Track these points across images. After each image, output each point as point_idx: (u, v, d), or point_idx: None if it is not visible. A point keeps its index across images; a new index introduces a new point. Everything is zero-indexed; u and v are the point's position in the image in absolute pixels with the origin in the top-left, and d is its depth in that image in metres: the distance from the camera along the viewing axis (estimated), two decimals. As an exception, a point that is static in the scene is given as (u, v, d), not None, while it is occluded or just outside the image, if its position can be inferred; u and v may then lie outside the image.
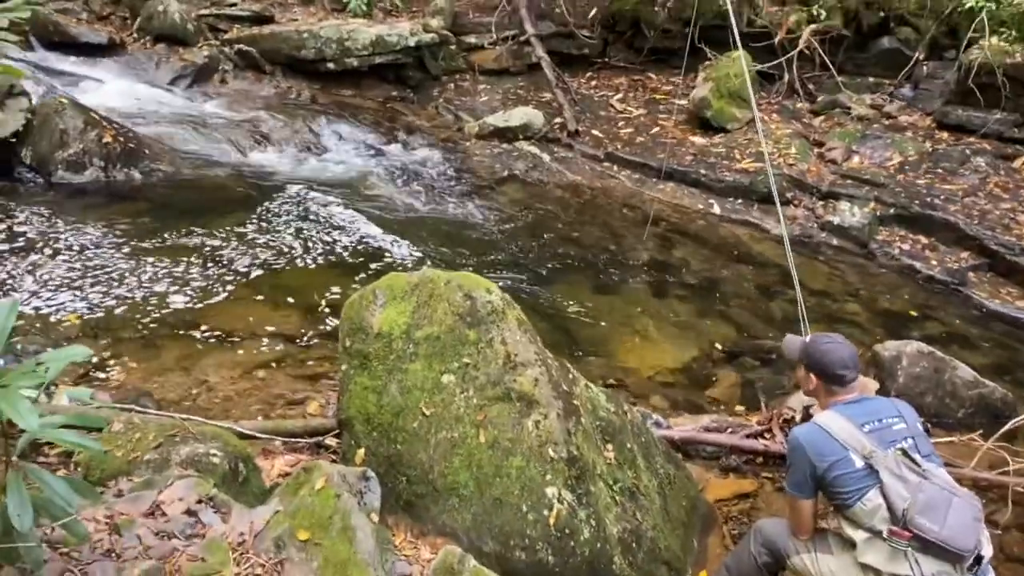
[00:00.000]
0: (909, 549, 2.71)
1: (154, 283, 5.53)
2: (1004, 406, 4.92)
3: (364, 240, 6.67)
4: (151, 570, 2.34)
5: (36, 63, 9.00)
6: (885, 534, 2.75)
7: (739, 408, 5.08)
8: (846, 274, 7.43)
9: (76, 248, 5.80)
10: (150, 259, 5.82)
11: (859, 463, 2.80)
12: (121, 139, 7.28)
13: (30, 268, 5.43)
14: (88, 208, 6.54)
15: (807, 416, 4.52)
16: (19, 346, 4.37)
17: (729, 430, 4.57)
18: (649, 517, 3.40)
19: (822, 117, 9.88)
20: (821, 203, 8.30)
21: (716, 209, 8.37)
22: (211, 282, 5.67)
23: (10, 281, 5.25)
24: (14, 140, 6.80)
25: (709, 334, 6.04)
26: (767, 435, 4.54)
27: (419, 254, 6.52)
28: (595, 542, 3.13)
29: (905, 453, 2.82)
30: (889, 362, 5.00)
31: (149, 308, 5.24)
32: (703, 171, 8.75)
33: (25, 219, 6.06)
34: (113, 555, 2.40)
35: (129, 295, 5.34)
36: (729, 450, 4.48)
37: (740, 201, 8.47)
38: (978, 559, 2.74)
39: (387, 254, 6.47)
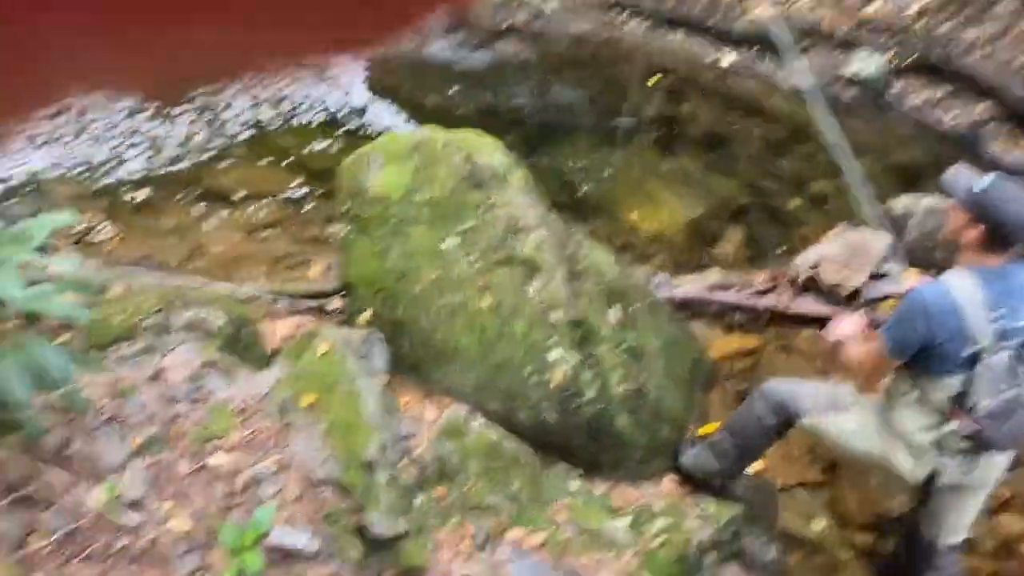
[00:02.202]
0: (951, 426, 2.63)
1: (148, 144, 5.39)
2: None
3: (358, 95, 6.45)
4: (156, 435, 2.35)
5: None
6: (947, 412, 2.62)
7: (746, 266, 5.04)
8: (860, 127, 7.20)
9: (72, 109, 5.61)
10: (141, 121, 5.64)
11: (967, 351, 2.52)
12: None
13: (16, 129, 5.27)
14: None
15: (813, 275, 4.47)
16: (15, 209, 4.30)
17: (735, 288, 4.54)
18: (653, 376, 3.41)
19: (841, -41, 9.33)
20: (836, 52, 7.97)
21: (726, 60, 8.04)
22: (205, 143, 5.52)
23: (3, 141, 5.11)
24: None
25: (716, 191, 5.92)
26: (773, 293, 4.51)
27: (417, 110, 6.31)
28: (598, 402, 3.14)
29: (1015, 359, 2.54)
30: (901, 217, 4.90)
31: (147, 171, 5.13)
32: (714, 19, 8.35)
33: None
34: (117, 421, 2.41)
35: (124, 157, 5.21)
36: (734, 308, 4.46)
37: (751, 52, 8.12)
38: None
39: (384, 109, 6.28)
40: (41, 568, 2.01)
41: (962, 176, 2.62)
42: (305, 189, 5.22)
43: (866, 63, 7.70)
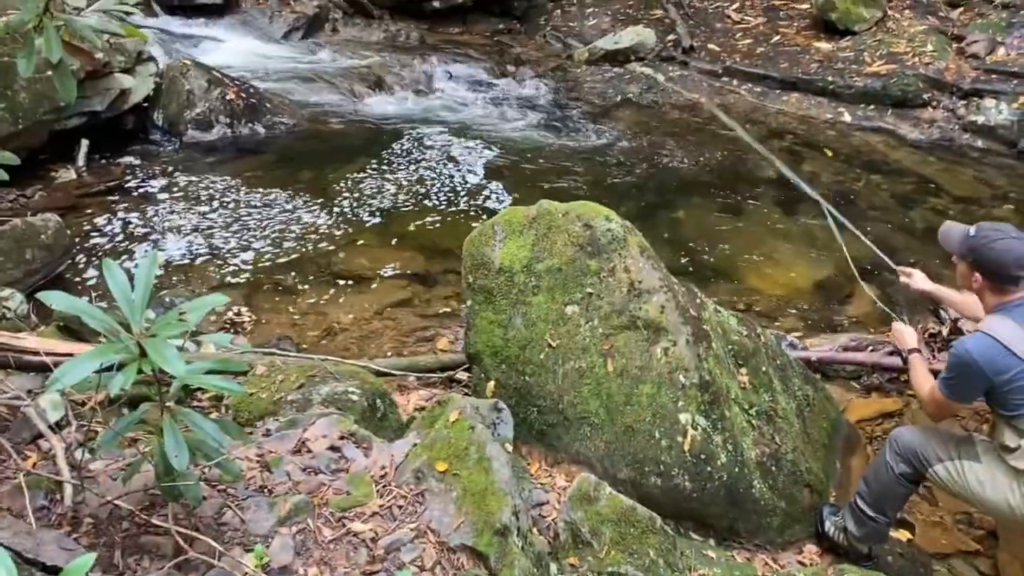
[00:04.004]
0: None
1: (284, 231, 5.73)
2: None
3: (480, 176, 6.68)
4: (301, 503, 2.46)
5: (160, 28, 9.35)
6: None
7: (880, 325, 4.85)
8: (993, 177, 6.91)
9: (209, 202, 6.06)
10: (279, 209, 6.02)
11: None
12: (243, 95, 7.50)
13: (170, 223, 5.73)
14: (217, 163, 6.81)
15: (955, 330, 4.27)
16: (167, 298, 4.64)
17: (869, 348, 4.38)
18: (788, 440, 3.31)
19: (960, 9, 9.09)
20: (962, 103, 7.71)
21: (846, 117, 7.91)
22: (337, 227, 5.82)
23: (155, 236, 5.56)
24: (146, 104, 7.12)
25: (843, 250, 5.75)
26: (912, 351, 4.31)
27: (536, 186, 6.48)
28: (732, 466, 3.07)
29: None
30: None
31: (282, 255, 5.44)
32: (830, 78, 8.26)
33: (162, 178, 6.37)
34: (266, 490, 2.53)
35: (262, 244, 5.56)
36: (870, 369, 4.29)
37: (872, 107, 7.97)
38: None
39: (504, 188, 6.47)
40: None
41: (954, 229, 2.88)
42: (432, 266, 5.41)
43: (996, 110, 7.42)
